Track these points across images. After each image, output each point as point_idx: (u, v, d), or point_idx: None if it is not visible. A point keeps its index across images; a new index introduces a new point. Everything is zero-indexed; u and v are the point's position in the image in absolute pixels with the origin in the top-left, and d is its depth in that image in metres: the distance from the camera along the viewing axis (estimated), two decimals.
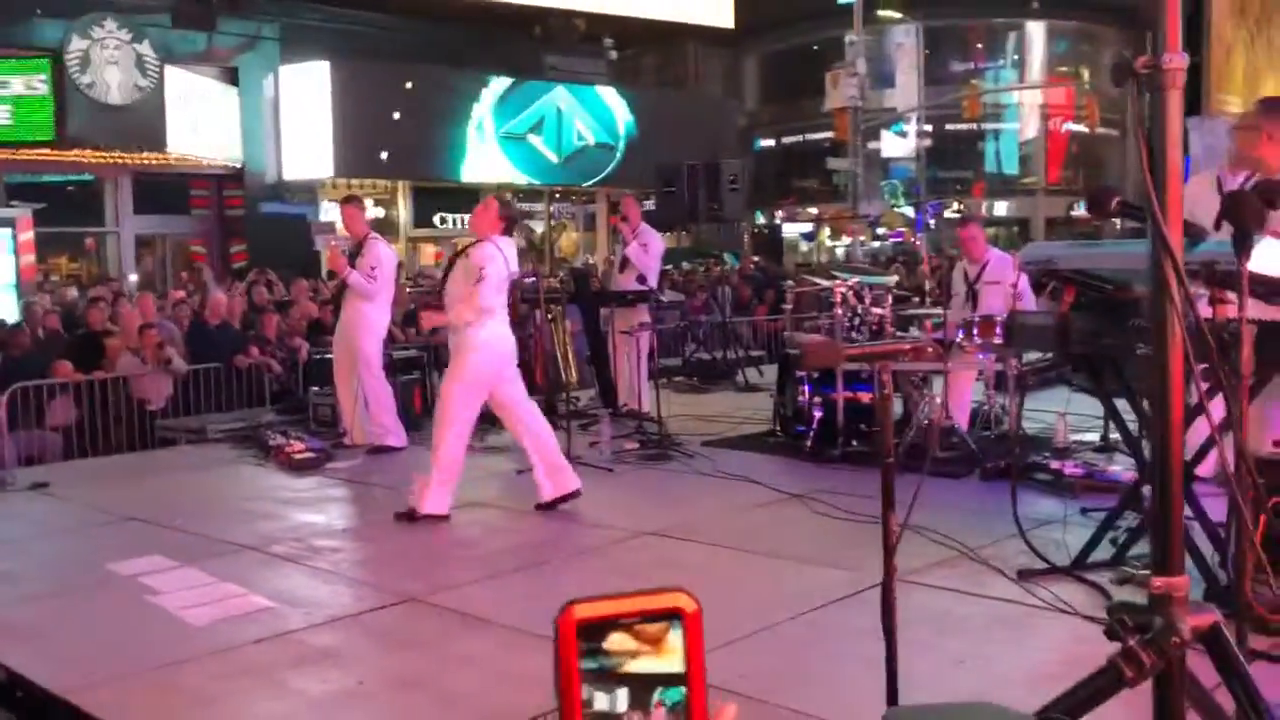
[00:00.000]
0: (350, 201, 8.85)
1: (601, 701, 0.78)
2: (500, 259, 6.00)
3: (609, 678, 0.78)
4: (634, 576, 5.19)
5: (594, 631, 0.78)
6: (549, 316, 9.09)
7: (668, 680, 0.79)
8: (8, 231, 15.18)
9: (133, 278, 19.41)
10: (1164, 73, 1.83)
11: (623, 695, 0.78)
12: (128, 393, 9.65)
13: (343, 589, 5.03)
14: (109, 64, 18.03)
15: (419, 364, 9.91)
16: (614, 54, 27.55)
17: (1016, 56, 36.62)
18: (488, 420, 9.05)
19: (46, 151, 18.27)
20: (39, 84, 17.71)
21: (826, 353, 4.63)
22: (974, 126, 33.69)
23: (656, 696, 0.78)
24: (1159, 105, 1.86)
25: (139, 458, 8.78)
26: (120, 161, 19.62)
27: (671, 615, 0.79)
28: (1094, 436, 7.36)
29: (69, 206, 20.19)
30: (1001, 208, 35.83)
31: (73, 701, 3.84)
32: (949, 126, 33.47)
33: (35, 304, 11.73)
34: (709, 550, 5.46)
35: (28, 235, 15.47)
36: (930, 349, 6.52)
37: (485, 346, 5.99)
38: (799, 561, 5.19)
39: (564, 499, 6.14)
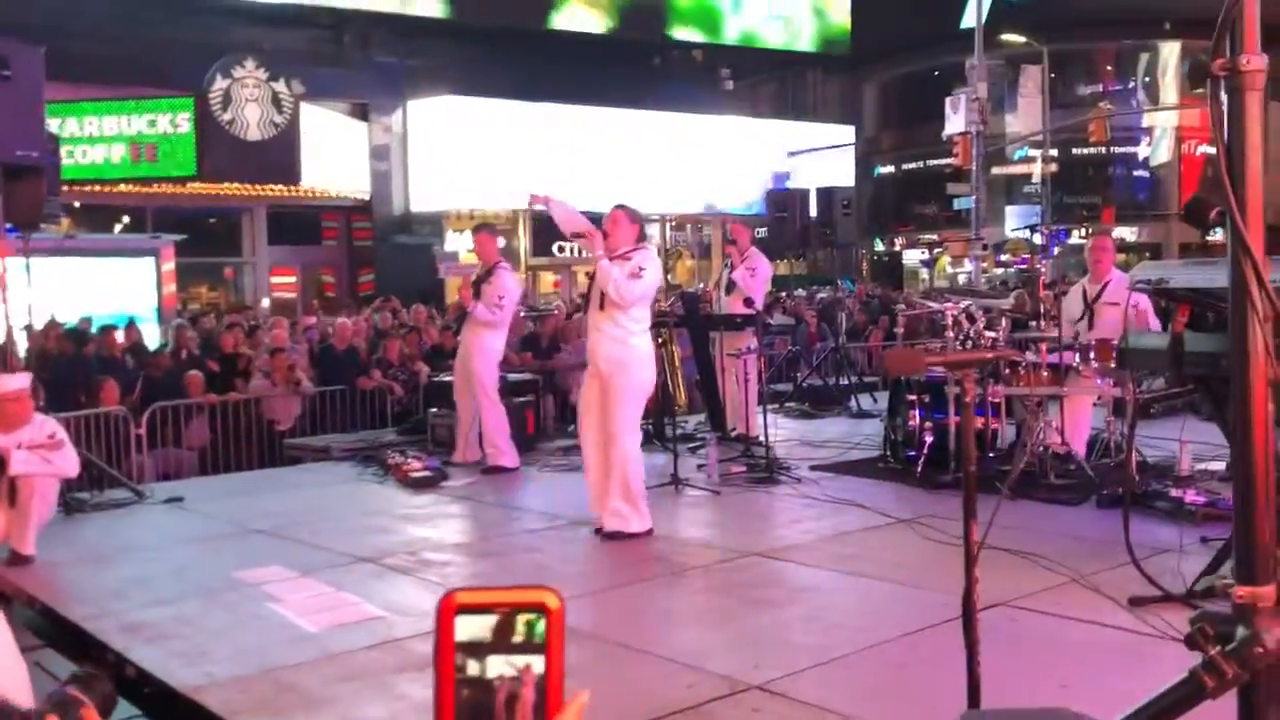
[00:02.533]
0: (483, 229, 9.06)
1: (474, 669, 0.87)
2: (658, 266, 6.02)
3: (481, 650, 0.87)
4: (735, 595, 5.22)
5: (470, 613, 0.87)
6: (659, 340, 9.18)
7: (532, 661, 0.88)
8: (152, 261, 16.07)
9: (266, 304, 20.26)
10: (1242, 74, 1.82)
11: (493, 664, 0.87)
12: (259, 413, 10.10)
13: None
14: (248, 102, 18.95)
15: (534, 387, 10.13)
16: (731, 84, 27.71)
17: (1148, 78, 35.49)
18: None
19: (189, 186, 19.28)
20: (183, 122, 18.72)
21: (908, 359, 4.58)
22: (1103, 151, 32.71)
23: (523, 666, 0.87)
24: (1237, 107, 1.84)
25: (267, 475, 9.15)
26: (256, 195, 20.58)
27: (538, 609, 0.88)
28: (1220, 465, 7.08)
29: (209, 237, 21.24)
30: (1133, 234, 34.66)
31: (195, 699, 4.05)
32: (1076, 151, 32.60)
33: (184, 327, 12.35)
34: (813, 572, 5.45)
35: (170, 265, 16.34)
36: (1039, 370, 6.36)
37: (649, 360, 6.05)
38: (903, 585, 5.14)
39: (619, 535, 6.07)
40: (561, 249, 25.56)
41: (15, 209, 7.53)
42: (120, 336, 11.77)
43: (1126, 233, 34.09)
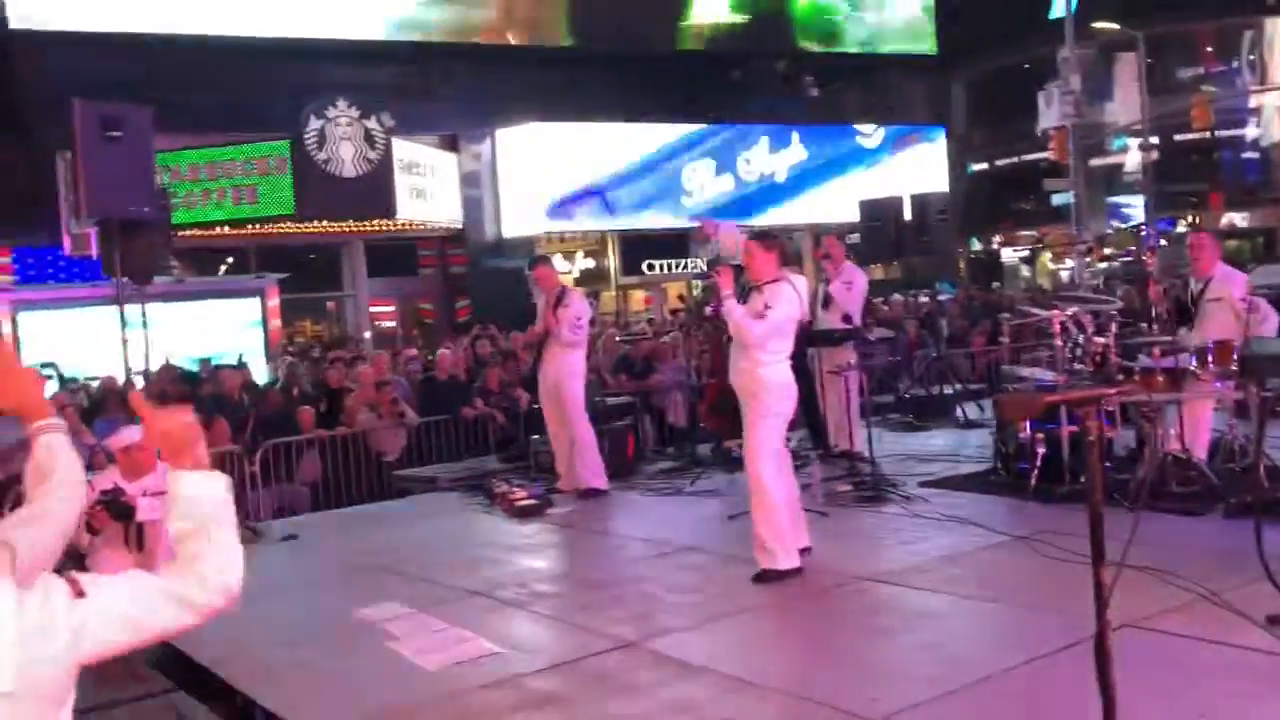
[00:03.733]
0: (540, 262, 9.24)
1: None
2: (795, 299, 5.89)
3: None
4: (848, 623, 5.14)
5: None
6: None
7: None
8: (257, 300, 16.57)
9: (368, 335, 20.71)
10: None
11: None
12: (366, 446, 10.32)
13: (563, 634, 5.20)
14: (342, 140, 19.43)
15: (631, 410, 10.16)
16: (815, 91, 27.49)
17: (1253, 57, 34.17)
18: (696, 463, 9.22)
19: (288, 225, 19.84)
20: (280, 164, 19.29)
21: (1024, 405, 4.45)
22: (1207, 135, 31.58)
23: None
24: None
25: (378, 509, 9.32)
26: (353, 230, 21.08)
27: None
28: None
29: (311, 274, 21.82)
30: (1243, 220, 33.36)
31: None
32: (1178, 137, 31.53)
33: (295, 364, 12.67)
34: (928, 596, 5.34)
35: (274, 302, 16.83)
36: (1154, 375, 6.15)
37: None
38: (1023, 607, 5.00)
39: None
40: (651, 266, 25.65)
41: (131, 261, 7.86)
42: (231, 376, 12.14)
43: (1237, 218, 32.85)
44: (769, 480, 5.78)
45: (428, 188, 21.38)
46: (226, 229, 19.45)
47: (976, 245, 36.91)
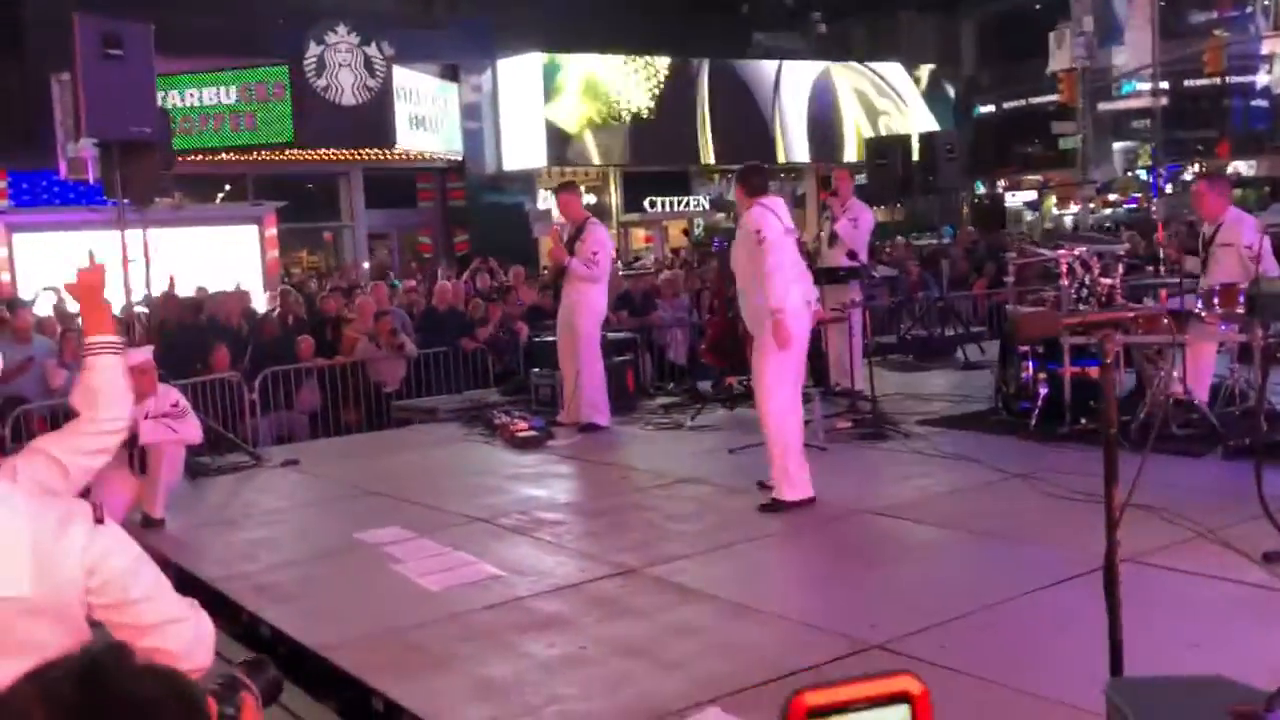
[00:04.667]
0: (566, 188, 9.09)
1: None
2: (770, 217, 5.81)
3: None
4: (849, 554, 5.19)
5: (825, 715, 0.80)
6: (731, 294, 9.08)
7: None
8: (255, 229, 16.45)
9: (366, 266, 20.63)
10: None
11: None
12: (365, 376, 10.32)
13: (566, 560, 5.24)
14: (342, 67, 19.17)
15: (631, 346, 10.16)
16: (823, 27, 27.14)
17: (1267, 3, 33.66)
18: (697, 399, 9.24)
19: (287, 153, 19.64)
20: (279, 90, 19.04)
21: (1043, 322, 4.44)
22: (1217, 81, 31.25)
23: None
24: None
25: (377, 437, 9.36)
26: (353, 159, 20.88)
27: (900, 699, 0.81)
28: None
29: (308, 203, 21.64)
30: (1249, 168, 33.12)
31: (328, 657, 4.19)
32: (1188, 83, 31.18)
33: (288, 293, 12.62)
34: (928, 530, 5.38)
35: (272, 231, 16.71)
36: (1158, 317, 6.13)
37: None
38: (1022, 542, 5.04)
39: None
40: (653, 204, 25.49)
41: (132, 184, 7.77)
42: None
43: (1243, 166, 32.60)
44: (780, 410, 5.75)
45: (428, 117, 21.14)
46: (224, 155, 19.25)
47: (981, 189, 36.66)
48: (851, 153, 23.73)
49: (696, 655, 3.96)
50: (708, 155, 24.23)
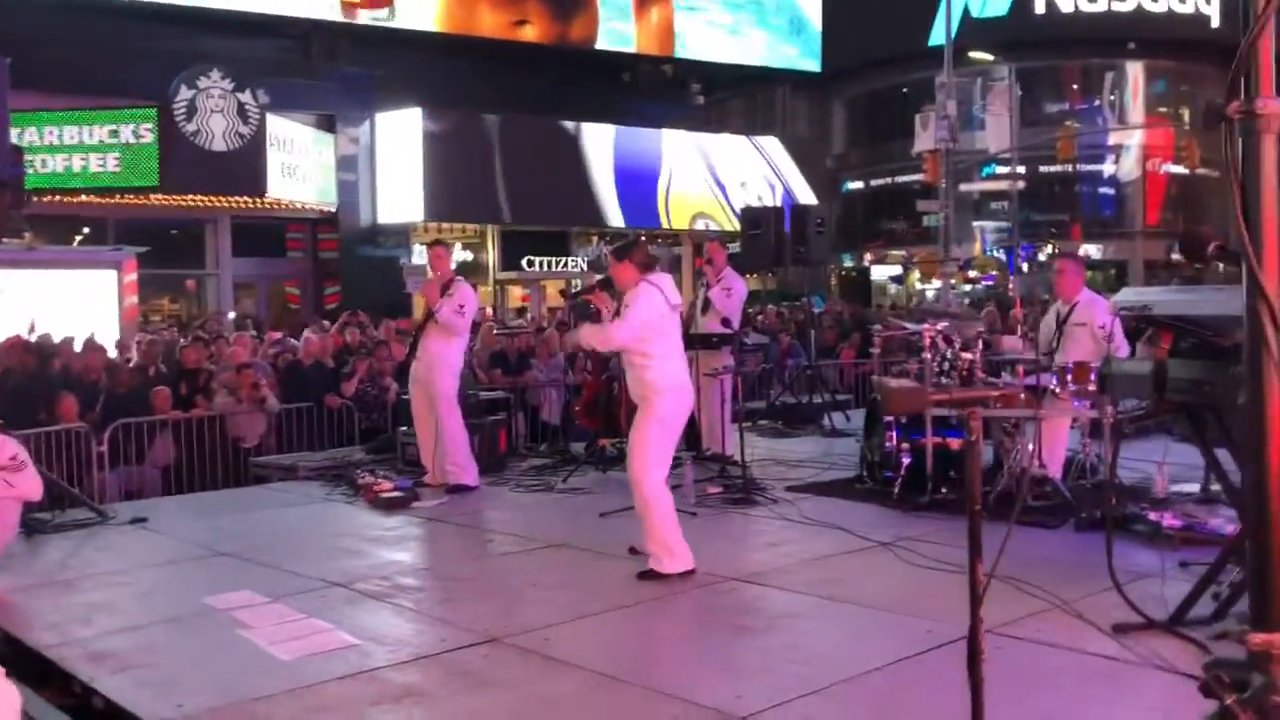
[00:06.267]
0: (437, 244, 9.05)
1: None
2: (657, 295, 5.78)
3: None
4: (716, 622, 5.16)
5: None
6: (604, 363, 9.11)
7: None
8: (114, 274, 15.81)
9: (230, 316, 20.00)
10: (1258, 118, 1.79)
11: None
12: (224, 430, 9.93)
13: (426, 627, 5.07)
14: (213, 113, 18.71)
15: (504, 405, 10.06)
16: (701, 99, 27.77)
17: (1113, 98, 35.95)
18: (569, 460, 9.17)
19: (151, 197, 18.97)
20: (146, 133, 18.44)
21: (912, 399, 4.55)
22: (1069, 168, 33.11)
23: None
24: (1253, 150, 1.81)
25: (233, 494, 8.99)
26: (221, 206, 20.31)
27: None
28: (1195, 487, 7.11)
29: (172, 250, 20.93)
30: (1098, 251, 35.03)
31: None
32: (1043, 169, 32.94)
33: (155, 340, 12.10)
34: (793, 597, 5.39)
35: (132, 277, 16.08)
36: (1020, 395, 6.36)
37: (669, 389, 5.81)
38: (885, 611, 5.09)
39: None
40: (531, 263, 25.49)
41: None
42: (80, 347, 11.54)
43: (1092, 250, 34.46)
44: (655, 488, 5.71)
45: (301, 167, 20.76)
46: (84, 197, 18.49)
47: (848, 262, 37.85)
48: (728, 221, 24.19)
49: None
50: (612, 216, 24.34)
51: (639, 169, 24.66)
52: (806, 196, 25.22)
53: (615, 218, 24.33)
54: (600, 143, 24.23)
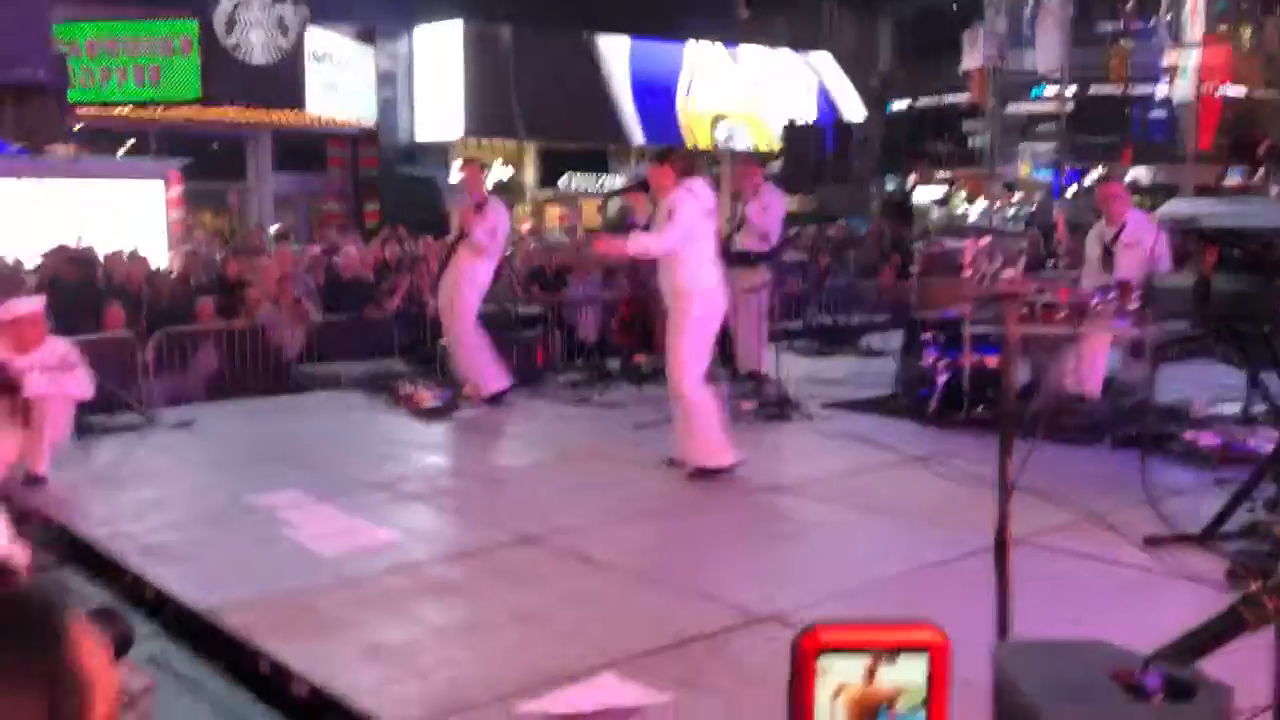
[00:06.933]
0: (471, 163, 9.01)
1: None
2: (690, 199, 5.80)
3: (845, 702, 0.78)
4: (749, 529, 5.23)
5: (837, 654, 0.79)
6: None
7: (909, 708, 0.79)
8: (159, 184, 15.88)
9: (273, 229, 20.11)
10: None
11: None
12: (265, 340, 10.06)
13: (466, 527, 5.19)
14: (253, 26, 18.63)
15: (542, 320, 10.13)
16: (746, 13, 27.23)
17: (1170, 16, 34.83)
18: (605, 376, 9.23)
19: (192, 110, 18.99)
20: (186, 45, 18.40)
21: (947, 292, 4.52)
22: (1121, 90, 32.25)
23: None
24: None
25: (276, 402, 9.12)
26: (261, 120, 20.30)
27: (918, 650, 0.80)
28: (1235, 408, 7.05)
29: (213, 163, 21.00)
30: (1148, 175, 34.27)
31: (214, 620, 4.08)
32: (1094, 89, 32.10)
33: (194, 253, 12.23)
34: (826, 507, 5.45)
35: (177, 190, 16.17)
36: (1057, 308, 6.30)
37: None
38: (918, 522, 5.14)
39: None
40: (570, 181, 25.33)
41: (22, 129, 7.44)
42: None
43: (1142, 174, 33.72)
44: (695, 385, 5.79)
45: (341, 82, 20.66)
46: (127, 109, 18.55)
47: (890, 184, 37.29)
48: (767, 140, 23.88)
49: (593, 623, 3.95)
50: (634, 135, 24.08)
51: (655, 83, 24.28)
52: (857, 113, 24.76)
53: (642, 135, 24.08)
54: (617, 56, 23.85)
